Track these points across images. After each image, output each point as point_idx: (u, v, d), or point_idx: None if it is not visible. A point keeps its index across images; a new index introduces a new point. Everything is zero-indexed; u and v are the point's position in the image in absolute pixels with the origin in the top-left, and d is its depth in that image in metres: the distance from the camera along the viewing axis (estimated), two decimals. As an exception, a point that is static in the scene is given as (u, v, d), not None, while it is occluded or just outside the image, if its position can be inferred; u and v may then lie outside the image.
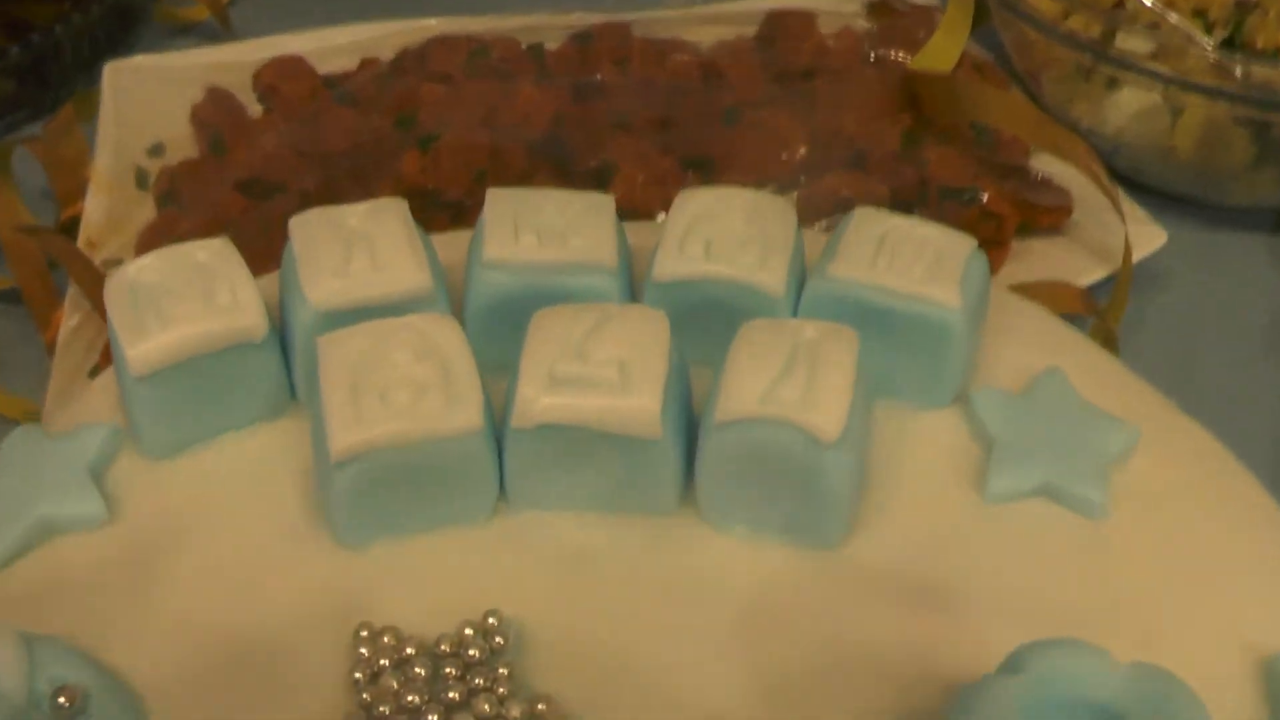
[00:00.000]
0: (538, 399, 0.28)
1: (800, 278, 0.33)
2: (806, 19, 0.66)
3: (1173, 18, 0.62)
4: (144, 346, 0.29)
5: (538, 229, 0.32)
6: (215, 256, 0.31)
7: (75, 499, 0.29)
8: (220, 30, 0.74)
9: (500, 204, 0.33)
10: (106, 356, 0.50)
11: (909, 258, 0.31)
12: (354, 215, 0.32)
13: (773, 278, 0.31)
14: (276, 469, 0.31)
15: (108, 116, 0.63)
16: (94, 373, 0.51)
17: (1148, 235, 0.56)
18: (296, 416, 0.32)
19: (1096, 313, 0.51)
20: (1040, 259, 0.56)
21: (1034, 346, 0.34)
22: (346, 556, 0.29)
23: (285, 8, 0.78)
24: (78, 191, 0.60)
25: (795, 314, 0.32)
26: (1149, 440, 0.31)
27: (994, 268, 0.55)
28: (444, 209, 0.52)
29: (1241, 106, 0.57)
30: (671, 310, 0.30)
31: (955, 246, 0.32)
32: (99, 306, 0.51)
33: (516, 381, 0.28)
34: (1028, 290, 0.51)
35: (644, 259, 0.34)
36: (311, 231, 0.32)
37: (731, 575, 0.29)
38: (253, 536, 0.29)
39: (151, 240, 0.55)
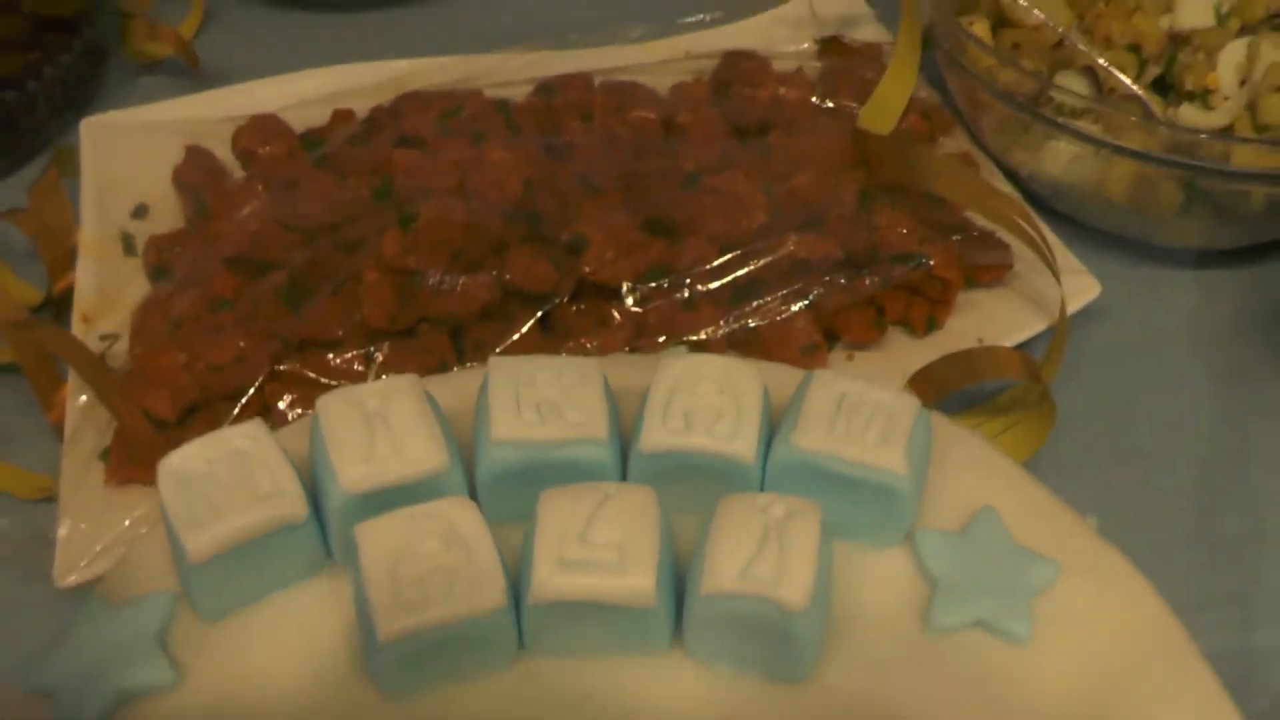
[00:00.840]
0: (550, 581, 0.33)
1: (769, 435, 0.38)
2: (761, 64, 0.71)
3: (1102, 61, 0.68)
4: (200, 539, 0.35)
5: (537, 403, 0.37)
6: (252, 442, 0.36)
7: (148, 668, 0.35)
8: (187, 67, 0.78)
9: (501, 377, 0.38)
10: (119, 440, 0.55)
11: (862, 424, 0.37)
12: (373, 396, 0.37)
13: (744, 446, 0.37)
14: (320, 623, 0.36)
15: (89, 178, 0.67)
16: (104, 456, 0.55)
17: (1082, 286, 0.62)
18: (332, 573, 0.37)
19: (1033, 374, 0.56)
20: (982, 312, 0.62)
21: (971, 483, 0.39)
22: (390, 707, 0.35)
23: (247, 35, 0.82)
24: (67, 260, 0.64)
25: (765, 470, 0.38)
26: (1070, 571, 0.37)
27: (939, 322, 0.61)
28: (425, 289, 0.57)
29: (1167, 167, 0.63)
30: (657, 471, 0.36)
31: (902, 411, 0.37)
32: (101, 393, 0.55)
33: (531, 562, 0.34)
34: (969, 357, 0.57)
35: (627, 398, 0.39)
36: (337, 412, 0.37)
37: (716, 705, 0.35)
38: (305, 689, 0.35)
39: (147, 318, 0.60)
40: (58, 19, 0.74)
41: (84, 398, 0.57)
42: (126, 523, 0.52)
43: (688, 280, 0.59)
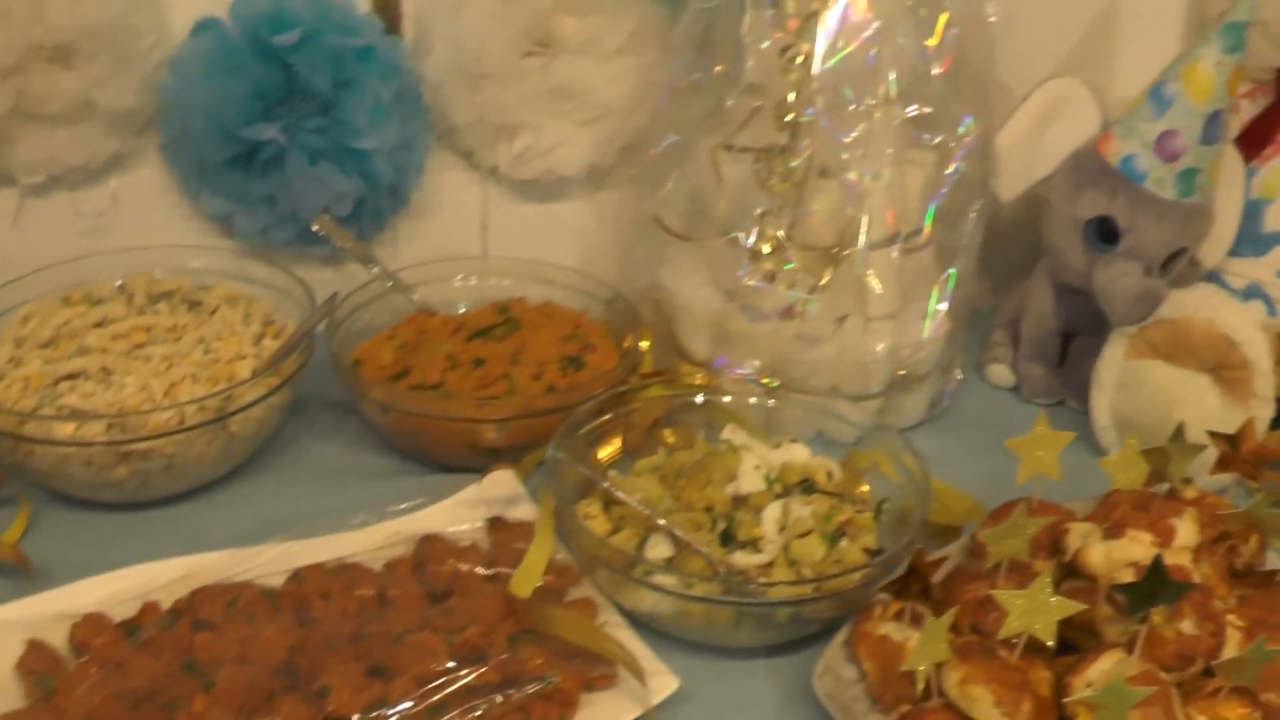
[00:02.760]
0: None
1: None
2: (446, 545, 1.18)
3: (678, 531, 1.16)
4: None
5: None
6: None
7: None
8: (19, 567, 1.19)
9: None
10: None
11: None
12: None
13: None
14: None
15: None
16: None
17: (664, 683, 1.09)
18: None
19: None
20: (597, 706, 1.07)
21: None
22: None
23: (64, 534, 1.25)
24: (-48, 727, 1.04)
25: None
26: None
27: (568, 717, 1.06)
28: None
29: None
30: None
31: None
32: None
33: None
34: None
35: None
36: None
37: None
38: None
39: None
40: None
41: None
42: None
43: (398, 708, 1.02)
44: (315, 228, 1.46)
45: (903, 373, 1.41)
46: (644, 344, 1.41)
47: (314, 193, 1.46)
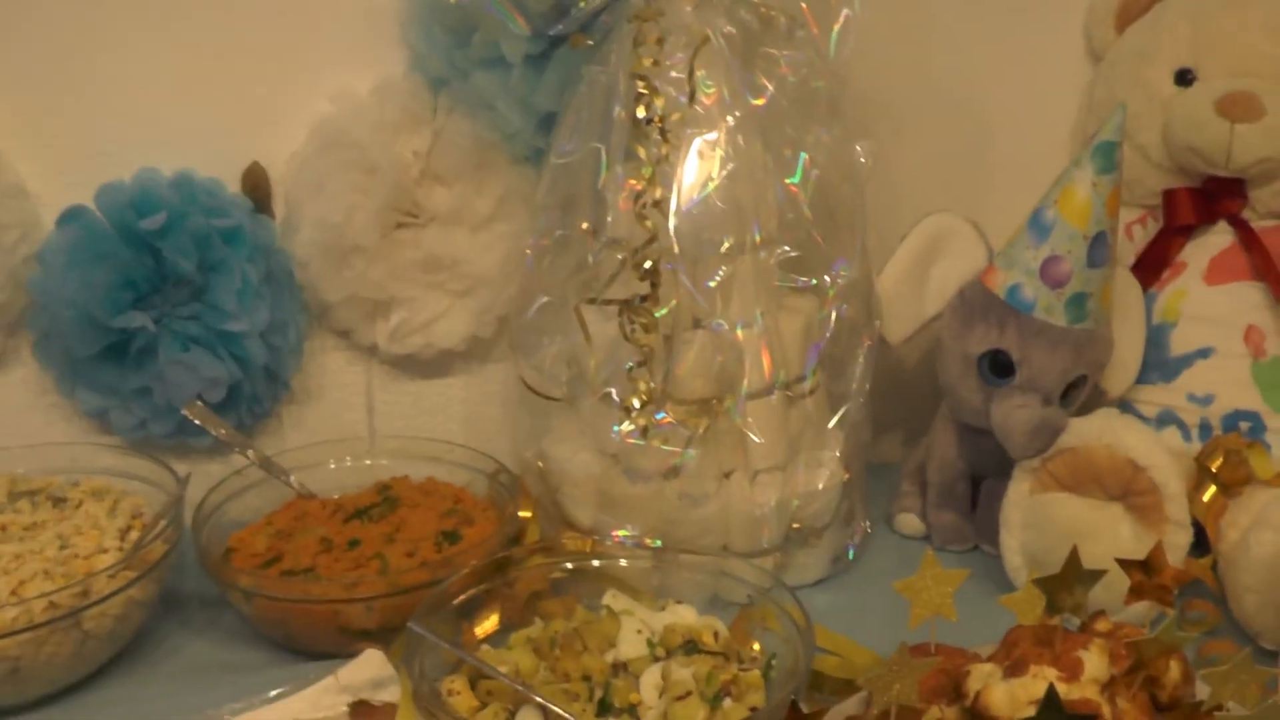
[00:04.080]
0: None
1: None
2: None
3: (548, 702, 1.13)
4: None
5: None
6: None
7: None
8: None
9: None
10: None
11: None
12: None
13: None
14: None
15: None
16: None
17: None
18: None
19: None
20: None
21: None
22: None
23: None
24: None
25: None
26: None
27: None
28: None
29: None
30: None
31: None
32: None
33: None
34: None
35: None
36: None
37: None
38: None
39: None
40: None
41: None
42: None
43: None
44: (186, 413, 1.45)
45: (798, 526, 1.38)
46: (524, 514, 1.39)
47: (186, 380, 1.44)
